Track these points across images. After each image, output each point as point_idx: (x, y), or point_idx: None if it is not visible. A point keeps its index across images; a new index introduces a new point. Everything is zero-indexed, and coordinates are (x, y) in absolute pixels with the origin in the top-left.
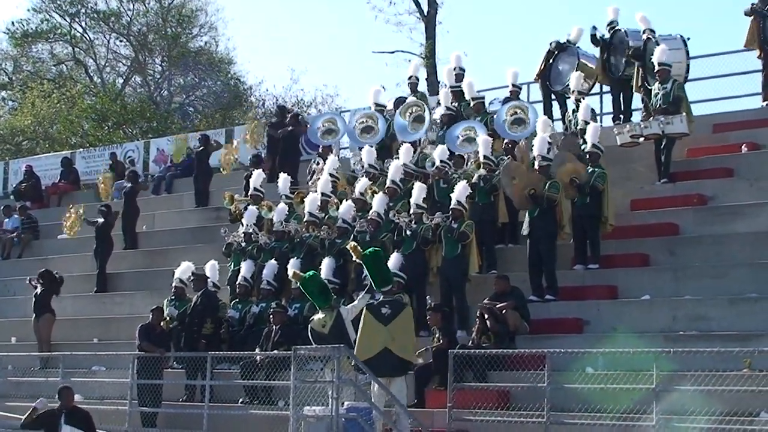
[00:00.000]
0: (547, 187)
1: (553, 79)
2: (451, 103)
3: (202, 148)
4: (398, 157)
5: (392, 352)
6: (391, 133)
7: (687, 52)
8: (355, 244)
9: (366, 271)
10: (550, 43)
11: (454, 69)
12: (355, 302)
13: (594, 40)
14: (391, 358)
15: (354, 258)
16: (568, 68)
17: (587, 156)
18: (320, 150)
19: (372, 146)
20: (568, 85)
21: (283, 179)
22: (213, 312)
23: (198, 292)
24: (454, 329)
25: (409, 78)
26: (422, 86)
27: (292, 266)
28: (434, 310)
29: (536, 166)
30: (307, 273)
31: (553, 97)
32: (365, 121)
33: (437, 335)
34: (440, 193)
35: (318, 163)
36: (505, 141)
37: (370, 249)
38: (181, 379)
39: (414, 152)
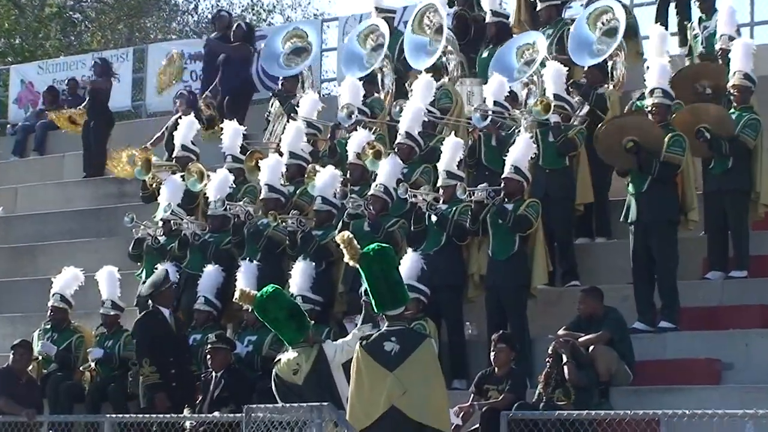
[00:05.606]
0: (666, 142)
1: None
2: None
3: (97, 79)
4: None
5: (402, 412)
6: (402, 58)
7: None
8: (350, 235)
9: (364, 282)
10: None
11: None
12: (349, 337)
13: None
14: (401, 424)
15: (346, 258)
16: None
17: (729, 93)
18: (280, 85)
19: (362, 78)
20: None
21: (233, 131)
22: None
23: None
24: (524, 379)
25: None
26: None
27: (244, 275)
28: (505, 341)
29: (649, 106)
30: (265, 289)
31: None
32: (375, 38)
33: (502, 385)
34: (489, 154)
35: (273, 106)
36: (585, 69)
37: (373, 245)
38: None
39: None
